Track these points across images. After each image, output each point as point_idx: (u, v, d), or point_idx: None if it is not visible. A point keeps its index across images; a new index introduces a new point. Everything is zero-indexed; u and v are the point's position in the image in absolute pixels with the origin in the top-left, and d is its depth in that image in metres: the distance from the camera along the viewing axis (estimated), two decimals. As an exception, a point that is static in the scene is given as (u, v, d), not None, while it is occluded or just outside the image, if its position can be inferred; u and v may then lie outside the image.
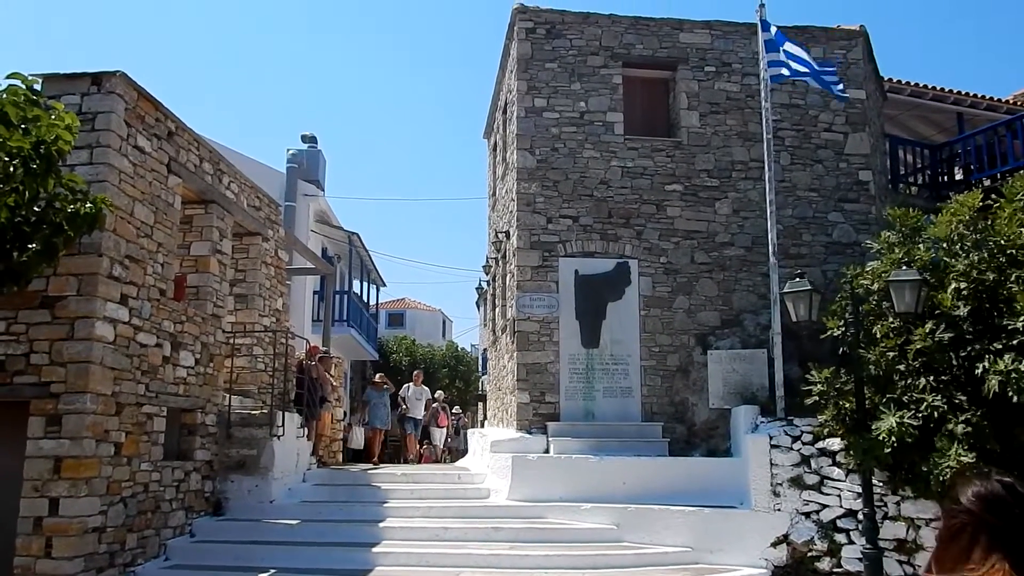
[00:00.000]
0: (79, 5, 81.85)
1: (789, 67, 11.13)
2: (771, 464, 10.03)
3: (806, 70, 11.12)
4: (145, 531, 9.00)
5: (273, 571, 8.91)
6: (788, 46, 11.22)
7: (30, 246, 6.90)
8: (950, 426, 8.41)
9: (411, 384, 17.52)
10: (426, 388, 17.77)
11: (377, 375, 17.25)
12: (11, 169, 6.52)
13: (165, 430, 9.50)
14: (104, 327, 8.24)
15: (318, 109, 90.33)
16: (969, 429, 8.32)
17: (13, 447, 7.95)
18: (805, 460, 9.95)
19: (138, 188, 8.97)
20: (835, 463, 9.76)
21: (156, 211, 9.37)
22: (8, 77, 6.54)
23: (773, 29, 11.34)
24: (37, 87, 6.87)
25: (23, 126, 6.58)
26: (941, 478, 8.23)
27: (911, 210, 10.11)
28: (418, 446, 17.87)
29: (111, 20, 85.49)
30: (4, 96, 6.48)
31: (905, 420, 8.56)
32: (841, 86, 11.39)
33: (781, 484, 9.94)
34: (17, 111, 6.50)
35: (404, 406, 17.01)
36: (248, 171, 12.99)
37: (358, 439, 16.61)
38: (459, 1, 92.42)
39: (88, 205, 7.22)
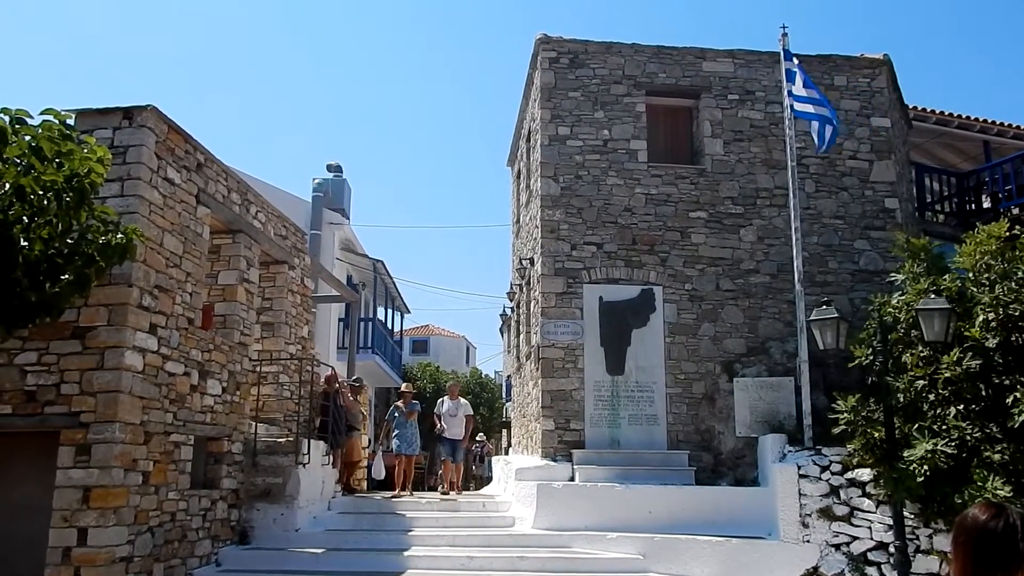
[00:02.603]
0: (109, 39, 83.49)
1: (802, 102, 11.14)
2: (799, 494, 9.91)
3: (813, 110, 11.11)
4: (172, 561, 9.02)
5: (298, 601, 8.90)
6: (799, 88, 11.20)
7: (63, 277, 7.01)
8: (987, 453, 8.27)
9: (446, 398, 14.48)
10: (464, 401, 14.66)
11: (403, 384, 14.88)
12: (45, 202, 6.64)
13: (192, 458, 9.55)
14: (133, 356, 8.32)
15: (343, 138, 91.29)
16: (1006, 458, 8.18)
17: (43, 477, 8.02)
18: (834, 491, 9.82)
19: (168, 219, 9.10)
20: (865, 494, 9.61)
21: (185, 241, 9.49)
22: (42, 113, 6.66)
23: (795, 61, 11.34)
24: (70, 122, 7.01)
25: (57, 160, 6.71)
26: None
27: (930, 241, 10.10)
28: (455, 473, 14.35)
29: (140, 53, 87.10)
30: (39, 131, 6.61)
31: (939, 448, 8.44)
32: (829, 138, 11.19)
33: (810, 515, 9.80)
34: (51, 146, 6.63)
35: (440, 424, 14.05)
36: (274, 200, 13.14)
37: (379, 468, 14.62)
38: (483, 30, 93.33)
39: (119, 236, 7.32)
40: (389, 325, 27.31)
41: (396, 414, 13.94)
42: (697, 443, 12.03)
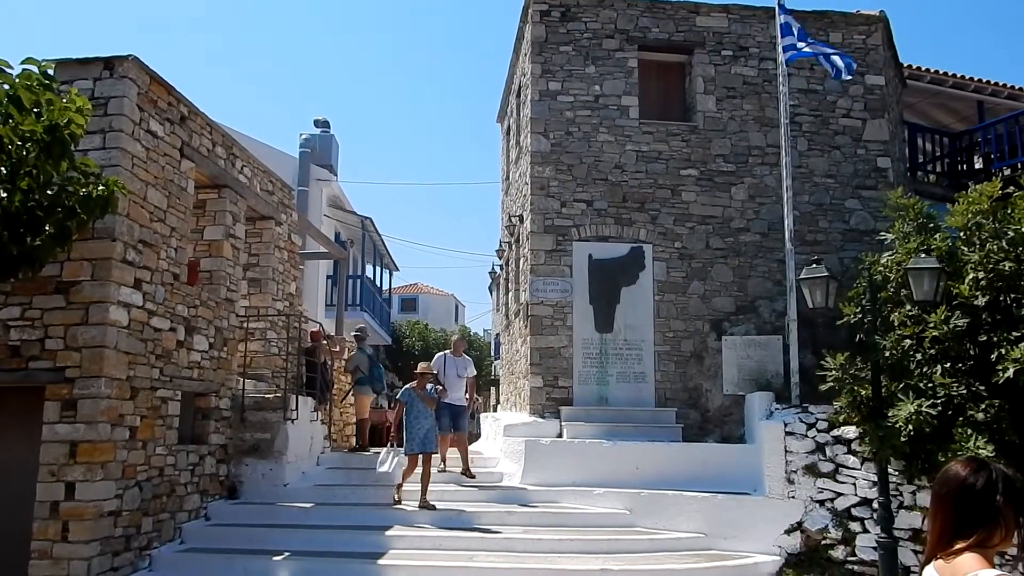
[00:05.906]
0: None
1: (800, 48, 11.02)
2: (785, 451, 9.98)
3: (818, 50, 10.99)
4: (160, 515, 9.04)
5: (287, 554, 8.94)
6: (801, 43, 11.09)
7: (44, 230, 6.90)
8: (971, 412, 8.33)
9: (447, 353, 12.07)
10: (469, 359, 12.24)
11: (421, 364, 11.27)
12: (24, 153, 6.51)
13: (179, 414, 9.51)
14: (118, 311, 8.24)
15: (331, 94, 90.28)
16: (990, 417, 8.23)
17: (29, 432, 7.98)
18: (820, 448, 9.89)
19: (151, 172, 8.95)
20: (850, 451, 9.68)
21: (169, 195, 9.35)
22: (22, 63, 6.51)
23: (790, 23, 11.16)
24: (50, 72, 6.84)
25: (36, 110, 6.57)
26: (960, 469, 8.15)
27: (920, 200, 10.06)
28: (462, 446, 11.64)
29: (119, 6, 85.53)
30: (17, 81, 6.45)
31: (923, 408, 8.48)
32: (845, 71, 10.85)
33: (795, 471, 9.89)
34: (30, 96, 6.47)
35: (439, 386, 11.36)
36: (261, 156, 12.97)
37: (390, 465, 10.87)
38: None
39: (101, 188, 7.18)
40: (377, 283, 27.21)
41: (414, 401, 10.66)
42: (685, 401, 12.09)
